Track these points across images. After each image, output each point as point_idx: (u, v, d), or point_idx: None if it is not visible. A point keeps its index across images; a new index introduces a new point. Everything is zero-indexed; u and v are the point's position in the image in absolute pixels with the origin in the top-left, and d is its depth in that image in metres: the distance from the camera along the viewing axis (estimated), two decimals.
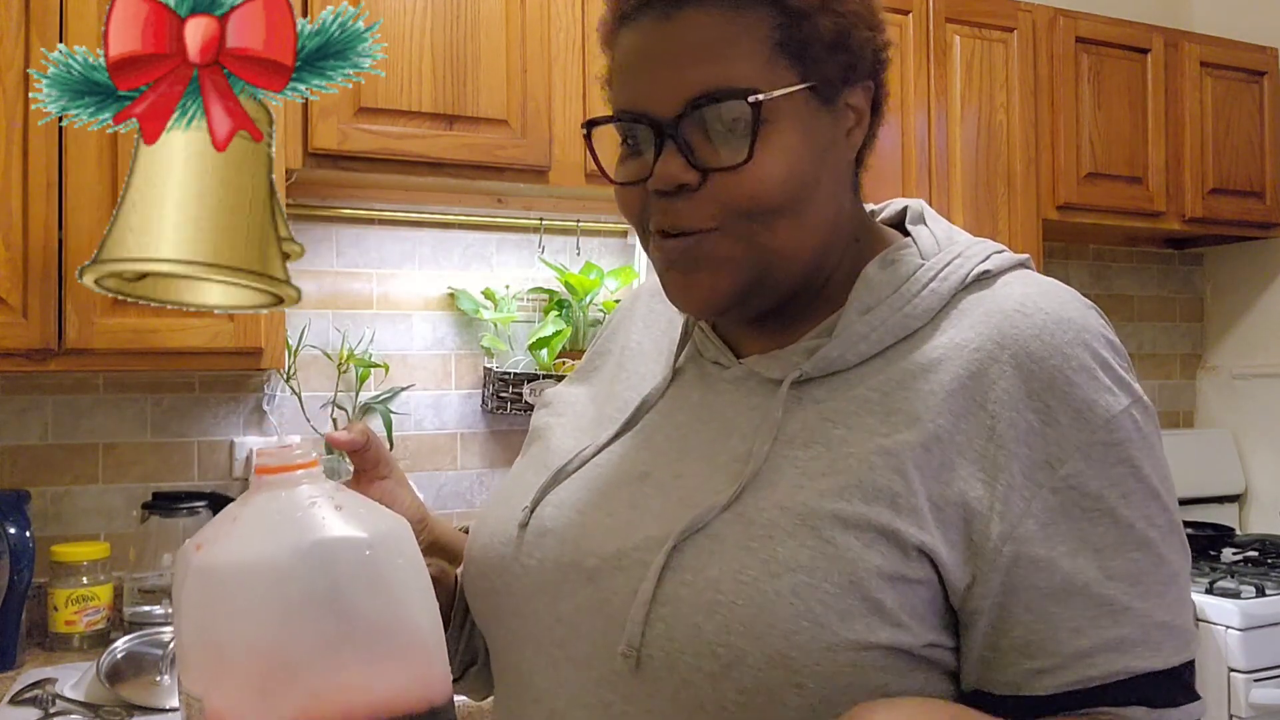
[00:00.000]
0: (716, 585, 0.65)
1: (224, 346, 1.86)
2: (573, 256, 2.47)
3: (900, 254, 0.75)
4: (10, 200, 1.74)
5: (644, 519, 0.71)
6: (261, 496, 0.59)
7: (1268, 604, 2.29)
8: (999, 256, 0.75)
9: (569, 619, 0.72)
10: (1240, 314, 3.24)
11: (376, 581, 0.58)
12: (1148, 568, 0.66)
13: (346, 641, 0.56)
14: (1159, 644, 0.66)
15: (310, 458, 0.60)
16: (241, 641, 0.56)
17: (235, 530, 0.57)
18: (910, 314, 0.71)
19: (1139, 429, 0.68)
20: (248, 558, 0.56)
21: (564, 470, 0.78)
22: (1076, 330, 0.69)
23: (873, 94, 0.75)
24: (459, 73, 2.03)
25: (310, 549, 0.56)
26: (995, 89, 2.61)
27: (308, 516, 0.57)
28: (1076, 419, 0.66)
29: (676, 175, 0.69)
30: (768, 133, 0.68)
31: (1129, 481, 0.67)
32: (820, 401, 0.71)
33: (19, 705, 1.60)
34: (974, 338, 0.69)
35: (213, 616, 0.57)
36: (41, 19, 1.74)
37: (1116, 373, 0.69)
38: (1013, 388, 0.67)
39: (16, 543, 1.83)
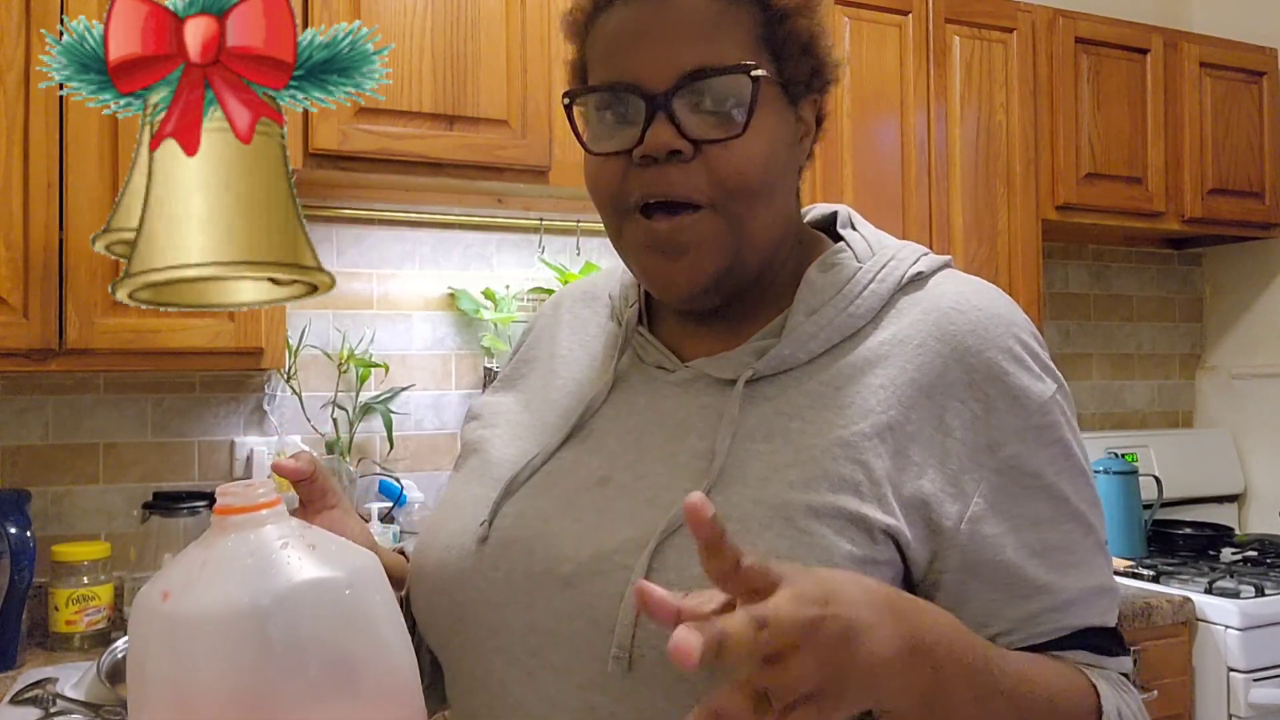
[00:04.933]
0: (700, 581, 0.64)
1: (224, 346, 1.87)
2: (573, 256, 2.48)
3: (838, 258, 0.79)
4: (10, 200, 1.74)
5: (614, 522, 0.71)
6: (229, 539, 0.56)
7: (1267, 604, 2.29)
8: (927, 259, 0.80)
9: (544, 627, 0.71)
10: (1239, 314, 3.24)
11: (357, 621, 0.56)
12: (1080, 538, 0.73)
13: (329, 685, 0.54)
14: (1093, 604, 0.73)
15: (274, 496, 0.57)
16: (218, 692, 0.53)
17: (205, 576, 0.54)
18: (853, 314, 0.75)
19: (1064, 412, 0.74)
20: (222, 605, 0.53)
21: (516, 480, 0.77)
22: (1006, 324, 0.75)
23: (818, 110, 0.80)
24: (459, 73, 2.03)
25: (289, 593, 0.54)
26: (995, 89, 2.61)
27: (281, 559, 0.55)
28: (1013, 405, 0.72)
29: (670, 142, 0.71)
30: (757, 115, 0.72)
31: (1060, 460, 0.73)
32: (772, 398, 0.74)
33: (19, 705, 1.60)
34: (916, 334, 0.74)
35: (184, 667, 0.54)
36: (41, 19, 1.75)
37: (1043, 361, 0.75)
38: (956, 379, 0.72)
39: (17, 542, 1.84)
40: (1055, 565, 0.72)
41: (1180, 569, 2.52)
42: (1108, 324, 3.19)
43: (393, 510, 2.28)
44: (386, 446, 2.31)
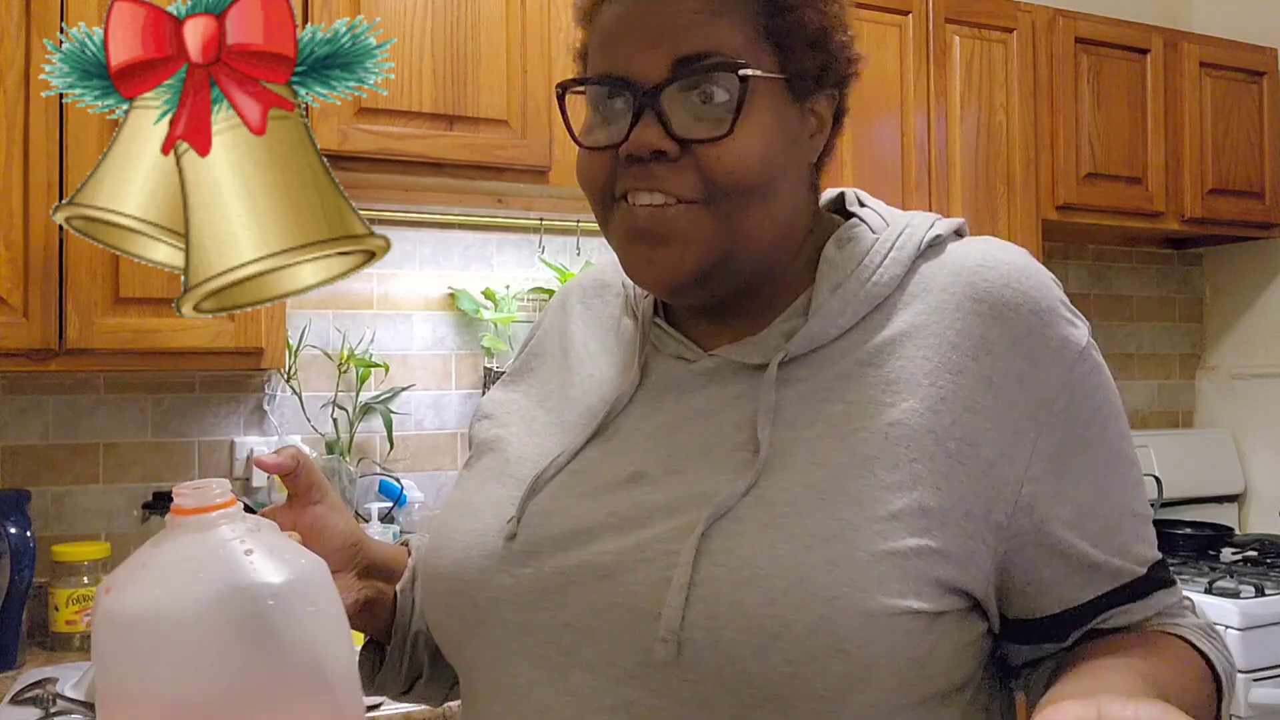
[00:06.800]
0: (752, 562, 0.65)
1: (225, 346, 1.87)
2: (573, 256, 2.48)
3: (853, 233, 0.77)
4: (10, 200, 1.74)
5: (651, 518, 0.69)
6: (175, 540, 0.55)
7: (1267, 604, 2.29)
8: (942, 223, 0.78)
9: (579, 623, 0.69)
10: (1239, 314, 3.24)
11: (283, 629, 0.55)
12: (1135, 478, 0.75)
13: (251, 692, 0.54)
14: (1146, 537, 0.75)
15: (229, 497, 0.57)
16: (147, 691, 0.54)
17: (143, 576, 0.54)
18: (877, 284, 0.74)
19: (1098, 358, 0.74)
20: (151, 606, 0.54)
21: (541, 478, 0.75)
22: (1034, 275, 0.74)
23: (835, 104, 0.78)
24: (459, 73, 2.03)
25: (214, 599, 0.53)
26: (995, 89, 2.61)
27: (216, 563, 0.54)
28: (1057, 357, 0.71)
29: (653, 141, 0.69)
30: (748, 111, 0.70)
31: (1106, 405, 0.73)
32: (805, 380, 0.72)
33: (19, 705, 1.60)
34: (949, 299, 0.72)
35: (118, 663, 0.55)
36: (41, 19, 1.75)
37: (1070, 308, 0.74)
38: (998, 338, 0.71)
39: (17, 542, 1.84)
40: (1118, 506, 0.73)
41: (1180, 569, 2.52)
42: (1108, 324, 3.19)
43: (393, 510, 2.28)
44: (386, 446, 2.31)
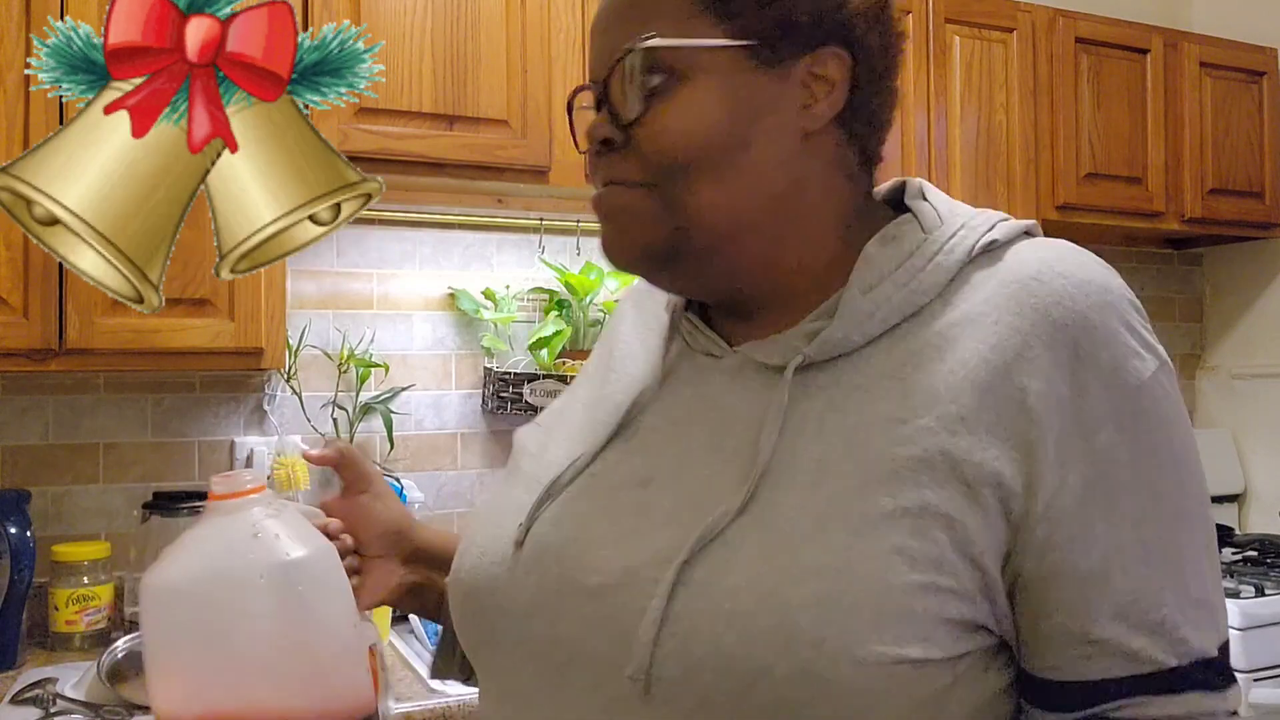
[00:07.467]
0: (734, 596, 0.60)
1: (224, 346, 1.87)
2: (573, 256, 2.47)
3: (901, 229, 0.71)
4: None
5: (651, 528, 0.66)
6: (206, 521, 0.62)
7: (1267, 604, 2.29)
8: (1005, 225, 0.71)
9: (570, 640, 0.66)
10: (1240, 314, 3.24)
11: (284, 600, 0.60)
12: (1185, 540, 0.63)
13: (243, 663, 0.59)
14: (1199, 623, 0.62)
15: (258, 484, 0.63)
16: (164, 655, 0.60)
17: (176, 553, 0.61)
18: (916, 289, 0.67)
19: (1167, 394, 0.64)
20: (180, 577, 0.60)
21: (558, 483, 0.73)
22: (1099, 292, 0.64)
23: (850, 65, 0.70)
24: (459, 73, 2.03)
25: (229, 570, 0.59)
26: (995, 89, 2.61)
27: (234, 539, 0.61)
28: (1108, 387, 0.62)
29: (599, 132, 0.70)
30: (681, 88, 0.68)
31: (1163, 450, 0.63)
32: (825, 388, 0.67)
33: (19, 705, 1.60)
34: (991, 310, 0.65)
35: (156, 630, 0.62)
36: (41, 19, 1.74)
37: (1142, 335, 0.65)
38: (1039, 358, 0.62)
39: (17, 542, 1.84)
40: (1154, 575, 0.62)
41: None
42: None
43: None
44: (387, 446, 2.31)
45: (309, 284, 2.29)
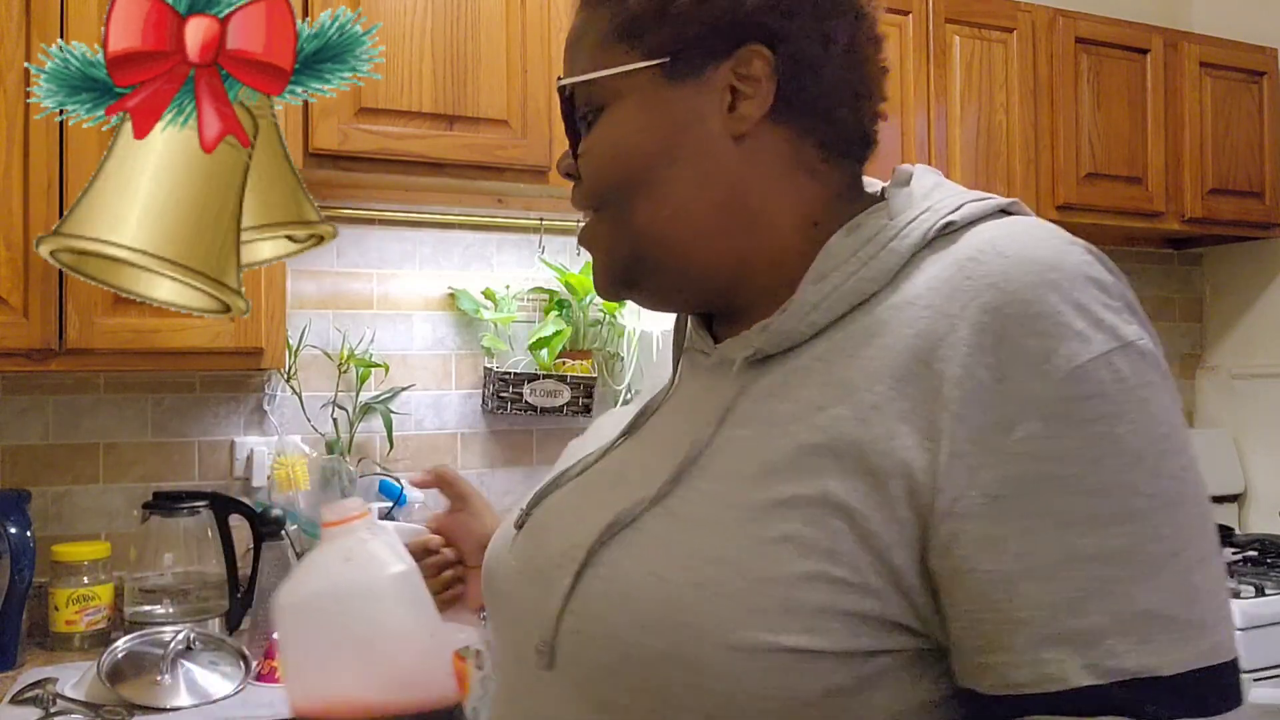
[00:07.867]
0: (629, 578, 0.63)
1: (225, 346, 1.87)
2: (573, 256, 2.47)
3: (867, 218, 0.68)
4: (10, 200, 1.74)
5: (593, 514, 0.68)
6: (322, 544, 0.68)
7: (1267, 604, 2.29)
8: (972, 205, 0.66)
9: (517, 617, 0.72)
10: (1240, 314, 3.24)
11: (366, 619, 0.65)
12: (1129, 545, 0.54)
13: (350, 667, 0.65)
14: (1147, 638, 0.54)
15: (361, 511, 0.68)
16: (290, 658, 0.67)
17: (300, 572, 0.68)
18: (865, 277, 0.65)
19: (1119, 379, 0.56)
20: (296, 598, 0.66)
21: (565, 474, 0.77)
22: (1041, 270, 0.58)
23: (771, 59, 0.68)
24: (459, 73, 2.03)
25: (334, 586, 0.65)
26: (995, 89, 2.61)
27: (328, 565, 0.66)
28: (1033, 373, 0.56)
29: (563, 166, 0.76)
30: (605, 116, 0.72)
31: (1105, 443, 0.55)
32: (773, 379, 0.66)
33: (19, 705, 1.60)
34: (926, 294, 0.61)
35: (282, 639, 0.68)
36: (41, 19, 1.75)
37: (1094, 314, 0.58)
38: (961, 343, 0.58)
39: (17, 542, 1.84)
40: (1083, 581, 0.54)
41: None
42: None
43: (393, 510, 2.28)
44: (387, 446, 2.31)
45: (309, 284, 2.29)
